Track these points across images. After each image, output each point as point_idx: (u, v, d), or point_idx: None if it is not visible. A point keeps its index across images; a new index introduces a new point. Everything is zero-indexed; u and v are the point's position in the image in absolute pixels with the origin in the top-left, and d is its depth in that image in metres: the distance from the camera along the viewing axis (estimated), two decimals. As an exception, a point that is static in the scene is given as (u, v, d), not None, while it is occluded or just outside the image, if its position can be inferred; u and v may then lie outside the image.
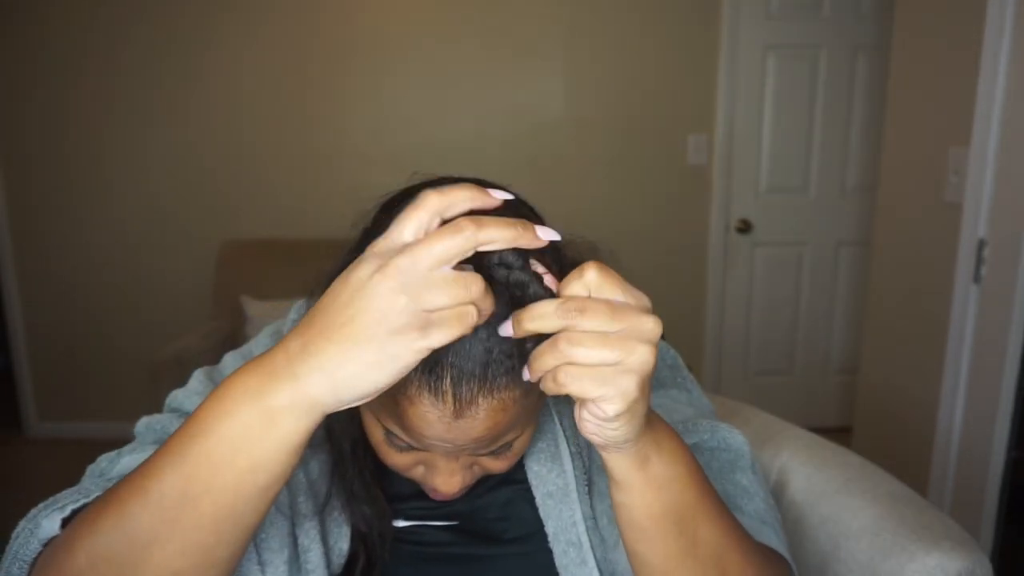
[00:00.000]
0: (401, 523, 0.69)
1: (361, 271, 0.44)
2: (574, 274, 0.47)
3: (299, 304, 0.76)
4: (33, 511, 0.54)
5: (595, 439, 0.50)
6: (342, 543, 0.66)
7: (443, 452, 0.56)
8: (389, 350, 0.43)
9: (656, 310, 0.50)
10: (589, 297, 0.46)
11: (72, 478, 0.63)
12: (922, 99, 1.92)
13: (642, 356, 0.45)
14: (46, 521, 0.52)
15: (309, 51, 2.97)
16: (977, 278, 1.71)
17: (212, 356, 2.52)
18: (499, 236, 0.44)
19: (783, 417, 1.04)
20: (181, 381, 0.72)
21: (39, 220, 3.05)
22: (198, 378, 0.72)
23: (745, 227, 3.08)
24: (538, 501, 0.68)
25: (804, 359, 3.22)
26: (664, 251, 3.10)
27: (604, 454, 0.52)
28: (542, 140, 3.04)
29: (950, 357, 1.78)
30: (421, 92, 3.01)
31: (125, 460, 0.63)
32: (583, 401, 0.47)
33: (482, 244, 0.44)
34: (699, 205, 3.09)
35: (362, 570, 0.66)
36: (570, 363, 0.45)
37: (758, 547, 0.60)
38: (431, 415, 0.51)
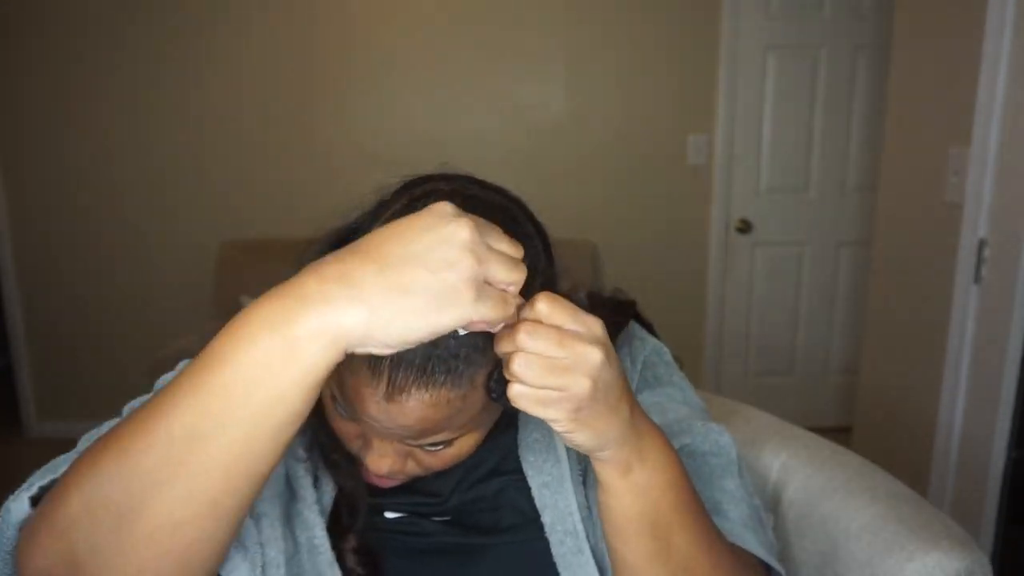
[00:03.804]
0: (392, 514, 0.68)
1: (442, 209, 0.44)
2: (526, 306, 0.48)
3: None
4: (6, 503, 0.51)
5: (573, 447, 0.52)
6: (329, 494, 0.65)
7: (375, 432, 0.56)
8: (440, 302, 0.42)
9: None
10: (540, 323, 0.47)
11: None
12: (922, 99, 1.92)
13: (582, 388, 0.47)
14: (14, 504, 0.49)
15: (309, 51, 2.97)
16: (977, 278, 1.71)
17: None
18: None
19: (783, 417, 1.04)
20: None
21: (39, 220, 3.05)
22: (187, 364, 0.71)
23: (745, 227, 3.08)
24: (534, 491, 0.68)
25: (804, 359, 3.22)
26: (664, 251, 3.10)
27: (590, 458, 0.54)
28: (542, 140, 3.04)
29: (950, 357, 1.78)
30: (421, 92, 3.01)
31: None
32: None
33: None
34: (699, 205, 3.08)
35: (348, 515, 0.65)
36: (520, 382, 0.47)
37: (733, 553, 0.61)
38: (365, 391, 0.52)
